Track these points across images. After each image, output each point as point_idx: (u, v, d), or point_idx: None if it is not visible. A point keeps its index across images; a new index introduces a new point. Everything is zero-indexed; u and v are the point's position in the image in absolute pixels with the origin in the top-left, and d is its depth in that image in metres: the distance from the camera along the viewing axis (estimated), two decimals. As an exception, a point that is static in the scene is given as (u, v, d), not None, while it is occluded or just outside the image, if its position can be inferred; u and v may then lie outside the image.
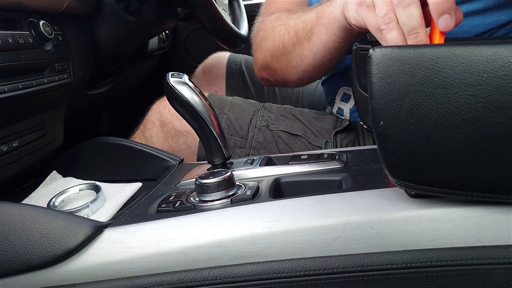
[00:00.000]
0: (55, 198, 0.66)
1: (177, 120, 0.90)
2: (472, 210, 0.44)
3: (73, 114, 0.97)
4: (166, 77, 0.61)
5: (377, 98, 0.42)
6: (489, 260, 0.44)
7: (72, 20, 0.83)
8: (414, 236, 0.45)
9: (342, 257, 0.45)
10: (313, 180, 0.58)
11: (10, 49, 0.65)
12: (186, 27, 1.64)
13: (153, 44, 1.30)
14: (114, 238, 0.49)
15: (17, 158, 0.70)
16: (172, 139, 0.91)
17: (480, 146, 0.40)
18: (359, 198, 0.49)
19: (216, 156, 0.64)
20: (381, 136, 0.42)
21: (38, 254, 0.47)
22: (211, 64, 1.29)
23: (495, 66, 0.38)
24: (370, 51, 0.42)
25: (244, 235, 0.46)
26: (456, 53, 0.39)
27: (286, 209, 0.48)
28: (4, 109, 0.65)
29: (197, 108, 0.61)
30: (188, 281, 0.47)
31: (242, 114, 0.88)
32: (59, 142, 0.84)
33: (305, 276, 0.46)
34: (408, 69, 0.41)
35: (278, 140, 0.85)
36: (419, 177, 0.43)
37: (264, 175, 0.61)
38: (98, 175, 0.76)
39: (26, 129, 0.73)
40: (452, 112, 0.40)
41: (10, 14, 0.68)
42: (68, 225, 0.48)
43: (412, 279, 0.45)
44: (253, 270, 0.46)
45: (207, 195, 0.53)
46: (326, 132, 0.85)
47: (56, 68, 0.76)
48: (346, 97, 0.93)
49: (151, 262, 0.47)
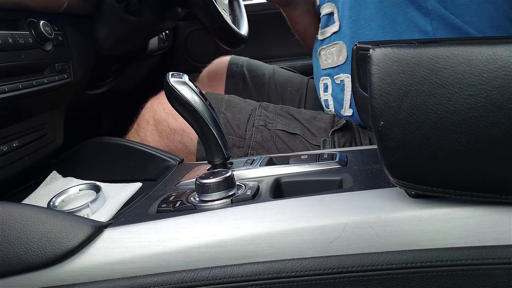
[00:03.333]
0: (55, 198, 0.66)
1: (172, 118, 0.90)
2: (472, 210, 0.44)
3: (73, 114, 0.97)
4: (166, 77, 0.61)
5: (377, 98, 0.42)
6: (489, 260, 0.44)
7: (72, 20, 0.83)
8: (414, 236, 0.45)
9: (342, 257, 0.45)
10: (313, 180, 0.58)
11: (10, 49, 0.65)
12: (186, 27, 1.65)
13: (153, 44, 1.30)
14: (114, 238, 0.49)
15: (17, 158, 0.70)
16: (167, 138, 0.91)
17: (480, 146, 0.40)
18: (359, 198, 0.49)
19: (216, 156, 0.64)
20: (381, 136, 0.42)
21: (38, 254, 0.47)
22: (215, 69, 1.30)
23: (495, 66, 0.38)
24: (370, 51, 0.42)
25: (244, 235, 0.46)
26: (456, 53, 0.39)
27: (286, 209, 0.48)
28: (4, 109, 0.65)
29: (197, 108, 0.61)
30: (188, 281, 0.47)
31: (239, 113, 0.88)
32: (59, 142, 0.84)
33: (305, 276, 0.46)
34: (408, 69, 0.41)
35: (277, 139, 0.85)
36: (419, 177, 0.43)
37: (264, 175, 0.61)
38: (98, 175, 0.76)
39: (26, 129, 0.73)
40: (452, 112, 0.40)
41: (10, 14, 0.68)
42: (68, 225, 0.48)
43: (412, 279, 0.45)
44: (253, 270, 0.46)
45: (207, 195, 0.53)
46: (323, 131, 0.85)
47: (56, 68, 0.76)
48: (325, 87, 0.95)
49: (151, 262, 0.47)
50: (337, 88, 0.91)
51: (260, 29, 1.22)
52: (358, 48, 0.64)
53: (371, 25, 0.84)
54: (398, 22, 0.82)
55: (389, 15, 0.82)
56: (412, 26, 0.81)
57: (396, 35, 0.82)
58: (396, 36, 0.82)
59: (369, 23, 0.85)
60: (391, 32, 0.82)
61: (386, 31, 0.83)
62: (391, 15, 0.82)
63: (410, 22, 0.81)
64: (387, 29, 0.83)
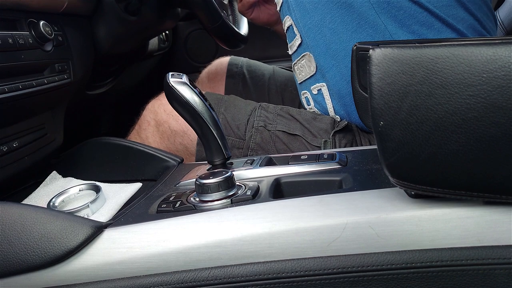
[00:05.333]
0: (55, 198, 0.66)
1: (172, 119, 0.90)
2: (472, 210, 0.44)
3: (73, 114, 0.97)
4: (166, 77, 0.61)
5: (377, 98, 0.42)
6: (489, 260, 0.44)
7: (72, 20, 0.83)
8: (414, 236, 0.45)
9: (342, 257, 0.45)
10: (313, 180, 0.58)
11: (10, 49, 0.65)
12: (186, 27, 1.65)
13: (153, 44, 1.30)
14: (114, 238, 0.49)
15: (17, 158, 0.70)
16: (168, 139, 0.91)
17: (480, 146, 0.40)
18: (359, 198, 0.49)
19: (216, 156, 0.64)
20: (381, 136, 0.42)
21: (38, 254, 0.47)
22: (215, 70, 1.30)
23: (495, 66, 0.38)
24: (370, 51, 0.42)
25: (244, 235, 0.46)
26: (456, 53, 0.39)
27: (286, 209, 0.48)
28: (4, 109, 0.65)
29: (197, 108, 0.61)
30: (188, 281, 0.47)
31: (238, 114, 0.88)
32: (59, 142, 0.84)
33: (305, 276, 0.46)
34: (408, 69, 0.41)
35: (276, 140, 0.84)
36: (419, 177, 0.43)
37: (264, 175, 0.61)
38: (98, 175, 0.76)
39: (26, 129, 0.73)
40: (452, 112, 0.40)
41: (10, 14, 0.68)
42: (68, 225, 0.48)
43: (412, 279, 0.45)
44: (253, 270, 0.46)
45: (207, 195, 0.53)
46: (324, 132, 0.85)
47: (56, 68, 0.76)
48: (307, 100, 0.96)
49: (151, 262, 0.47)
50: (318, 99, 0.92)
51: (260, 29, 1.22)
52: (358, 48, 0.64)
53: (323, 30, 0.85)
54: (347, 22, 0.83)
55: (337, 17, 0.83)
56: (363, 23, 0.82)
57: (349, 34, 0.83)
58: (349, 36, 0.83)
59: (321, 28, 0.86)
60: (344, 32, 0.83)
61: (339, 32, 0.84)
62: (339, 17, 0.83)
63: (360, 20, 0.82)
64: (338, 31, 0.84)
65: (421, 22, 0.80)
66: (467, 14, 0.82)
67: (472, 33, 0.82)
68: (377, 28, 0.81)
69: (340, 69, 0.85)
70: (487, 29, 0.85)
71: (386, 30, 0.81)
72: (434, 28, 0.80)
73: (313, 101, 0.94)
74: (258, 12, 1.15)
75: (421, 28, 0.80)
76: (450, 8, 0.80)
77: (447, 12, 0.80)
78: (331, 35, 0.85)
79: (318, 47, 0.87)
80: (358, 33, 0.82)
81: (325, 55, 0.87)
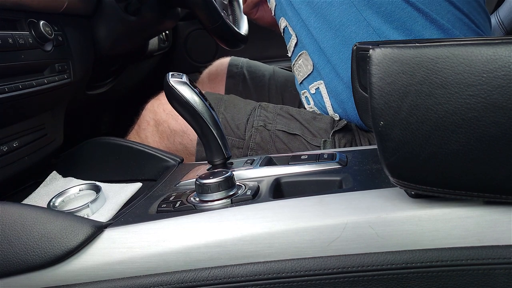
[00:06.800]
0: (55, 198, 0.66)
1: (172, 119, 0.90)
2: (472, 210, 0.44)
3: (73, 114, 0.97)
4: (166, 77, 0.61)
5: (377, 98, 0.42)
6: (489, 260, 0.44)
7: (72, 20, 0.83)
8: (414, 236, 0.45)
9: (342, 257, 0.45)
10: (313, 180, 0.58)
11: (10, 49, 0.65)
12: (186, 27, 1.65)
13: (153, 44, 1.30)
14: (114, 238, 0.49)
15: (17, 158, 0.70)
16: (168, 139, 0.91)
17: (480, 146, 0.40)
18: (359, 198, 0.49)
19: (216, 156, 0.63)
20: (381, 136, 0.42)
21: (38, 254, 0.47)
22: (215, 71, 1.30)
23: (495, 66, 0.38)
24: (370, 51, 0.42)
25: (244, 235, 0.46)
26: (456, 53, 0.39)
27: (286, 209, 0.48)
28: (4, 109, 0.65)
29: (197, 108, 0.61)
30: (188, 281, 0.47)
31: (238, 113, 0.88)
32: (59, 142, 0.84)
33: (305, 276, 0.46)
34: (408, 69, 0.41)
35: (276, 140, 0.85)
36: (419, 177, 0.43)
37: (264, 175, 0.61)
38: (98, 175, 0.76)
39: (26, 129, 0.73)
40: (452, 112, 0.40)
41: (10, 14, 0.68)
42: (68, 225, 0.48)
43: (412, 279, 0.45)
44: (253, 270, 0.46)
45: (207, 195, 0.53)
46: (324, 132, 0.85)
47: (56, 68, 0.76)
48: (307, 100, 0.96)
49: (151, 262, 0.47)
50: (316, 98, 0.92)
51: (260, 29, 1.22)
52: (358, 48, 0.64)
53: (311, 29, 0.86)
54: (330, 20, 0.83)
55: (319, 16, 0.84)
56: (346, 21, 0.82)
57: (333, 32, 0.84)
58: (334, 34, 0.83)
59: (308, 27, 0.86)
60: (328, 31, 0.84)
61: (324, 31, 0.84)
62: (322, 16, 0.84)
63: (342, 17, 0.82)
64: (323, 29, 0.84)
65: (404, 17, 0.80)
66: (453, 8, 0.81)
67: (459, 28, 0.82)
68: (359, 24, 0.81)
69: (332, 66, 0.86)
70: (477, 24, 0.84)
71: (369, 26, 0.81)
72: (418, 23, 0.80)
73: (312, 100, 0.94)
74: (263, 12, 1.15)
75: (405, 23, 0.80)
76: (434, 3, 0.80)
77: (430, 7, 0.80)
78: (317, 33, 0.86)
79: (311, 45, 0.88)
80: (341, 31, 0.83)
81: (318, 53, 0.88)
